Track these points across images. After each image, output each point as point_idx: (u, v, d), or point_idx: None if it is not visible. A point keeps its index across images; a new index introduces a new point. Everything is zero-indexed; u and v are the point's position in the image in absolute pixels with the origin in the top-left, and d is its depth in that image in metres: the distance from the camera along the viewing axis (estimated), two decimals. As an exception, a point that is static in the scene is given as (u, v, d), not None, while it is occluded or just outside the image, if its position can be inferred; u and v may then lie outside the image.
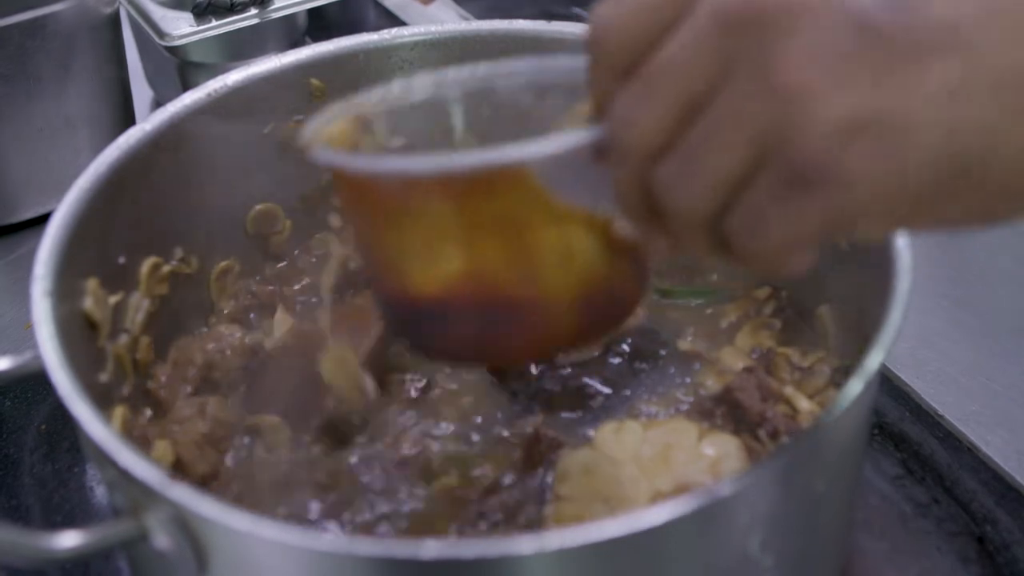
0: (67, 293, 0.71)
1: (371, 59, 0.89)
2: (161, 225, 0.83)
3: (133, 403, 0.77)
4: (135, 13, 1.17)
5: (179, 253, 0.84)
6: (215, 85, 0.85)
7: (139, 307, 0.80)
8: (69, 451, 0.89)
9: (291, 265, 0.91)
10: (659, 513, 0.56)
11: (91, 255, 0.75)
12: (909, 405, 0.88)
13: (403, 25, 1.23)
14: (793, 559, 0.66)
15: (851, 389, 0.63)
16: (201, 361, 0.80)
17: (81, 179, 0.76)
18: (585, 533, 0.55)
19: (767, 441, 0.71)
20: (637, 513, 0.56)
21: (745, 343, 0.82)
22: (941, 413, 0.87)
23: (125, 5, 1.17)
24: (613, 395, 0.78)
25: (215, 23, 1.15)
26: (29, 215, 1.10)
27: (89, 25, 1.06)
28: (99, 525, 0.62)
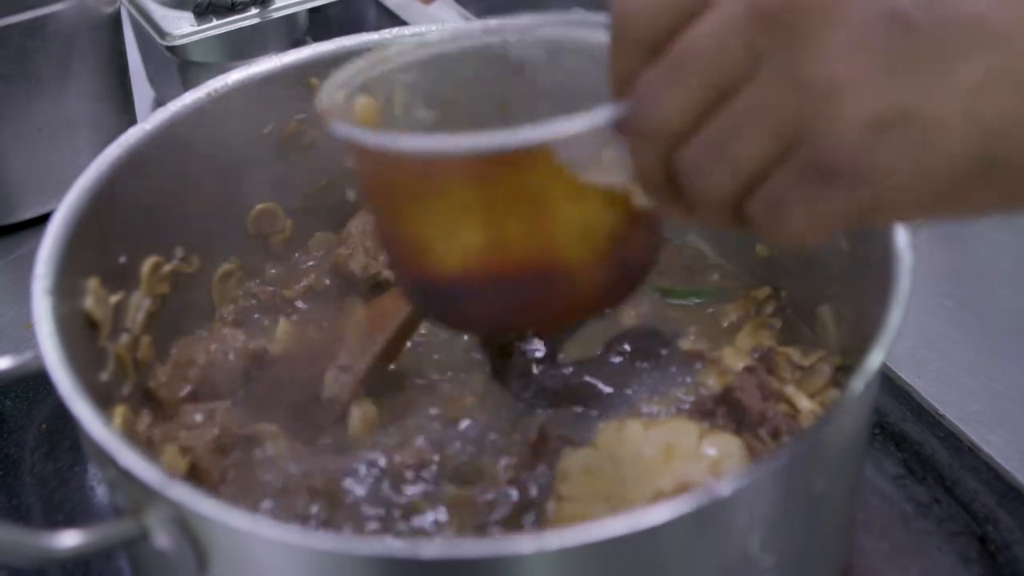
0: (68, 292, 0.71)
1: (372, 59, 0.89)
2: (162, 224, 0.83)
3: (134, 403, 0.77)
4: (136, 13, 1.17)
5: (180, 252, 0.84)
6: (216, 85, 0.85)
7: (140, 306, 0.80)
8: (70, 450, 0.89)
9: (291, 266, 0.91)
10: (659, 513, 0.56)
11: (92, 254, 0.75)
12: (910, 405, 0.88)
13: (404, 25, 1.24)
14: (794, 559, 0.66)
15: (852, 389, 0.63)
16: (203, 361, 0.80)
17: (82, 178, 0.76)
18: (585, 533, 0.55)
19: (768, 441, 0.71)
20: (637, 513, 0.56)
21: (746, 343, 0.82)
22: (942, 413, 0.87)
23: (126, 5, 1.17)
24: (614, 394, 0.78)
25: (216, 23, 1.15)
26: (30, 215, 1.10)
27: (89, 25, 1.06)
28: (100, 525, 0.62)
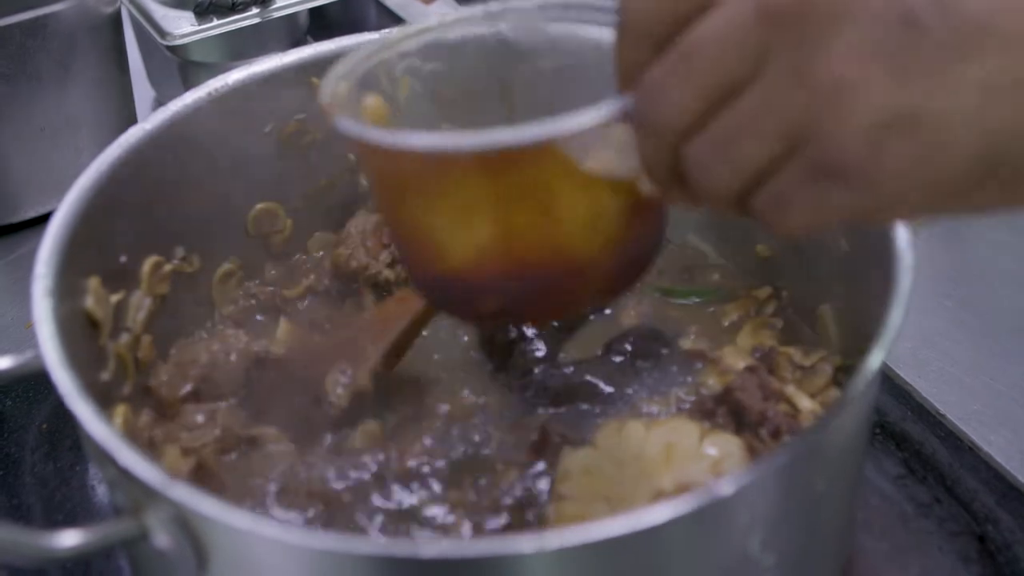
0: (68, 292, 0.71)
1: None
2: (162, 224, 0.83)
3: (134, 402, 0.77)
4: (136, 12, 1.17)
5: (180, 252, 0.84)
6: (216, 84, 0.85)
7: (140, 306, 0.80)
8: (70, 450, 0.89)
9: (291, 266, 0.91)
10: (660, 512, 0.56)
11: (92, 254, 0.75)
12: (911, 404, 0.88)
13: (404, 24, 1.24)
14: (794, 558, 0.66)
15: (853, 388, 0.63)
16: (205, 361, 0.80)
17: (82, 178, 0.76)
18: (585, 532, 0.55)
19: (768, 440, 0.71)
20: (638, 512, 0.56)
21: (746, 342, 0.82)
22: (943, 413, 0.87)
23: (126, 4, 1.17)
24: (615, 394, 0.78)
25: (216, 22, 1.15)
26: (30, 215, 1.10)
27: (90, 25, 1.06)
28: (100, 524, 0.62)
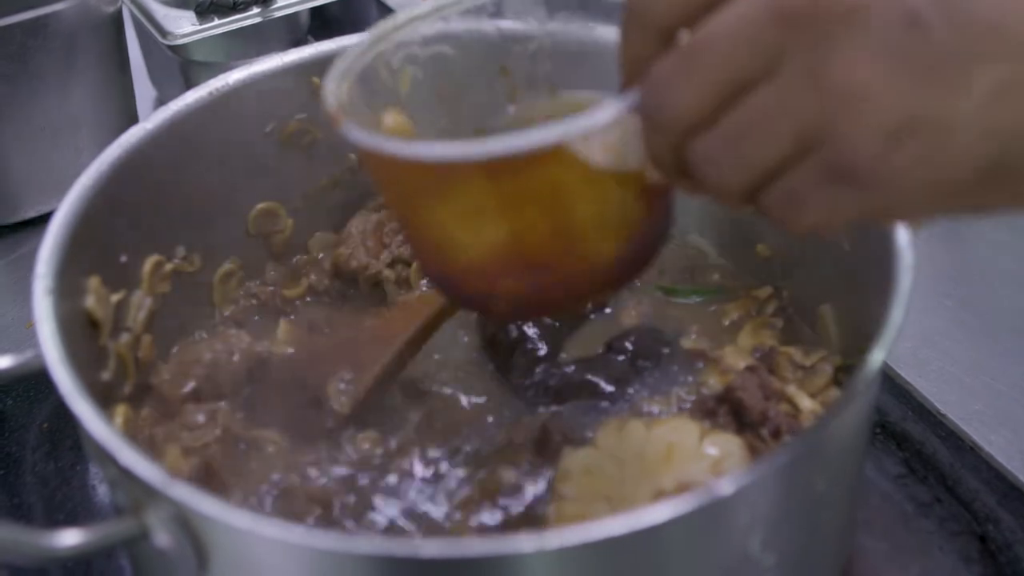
0: (69, 291, 0.71)
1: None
2: (163, 223, 0.83)
3: (135, 401, 0.77)
4: (138, 12, 1.17)
5: (181, 252, 0.84)
6: (217, 84, 0.85)
7: (141, 305, 0.80)
8: (71, 449, 0.89)
9: (291, 266, 0.91)
10: (660, 512, 0.56)
11: (93, 253, 0.75)
12: (911, 404, 0.88)
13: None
14: (794, 558, 0.66)
15: (853, 388, 0.63)
16: (208, 360, 0.80)
17: (83, 177, 0.76)
18: (585, 532, 0.55)
19: (769, 440, 0.71)
20: (638, 512, 0.56)
21: (747, 342, 0.82)
22: (943, 412, 0.87)
23: (128, 4, 1.17)
24: (616, 393, 0.78)
25: (217, 22, 1.15)
26: (31, 214, 1.10)
27: (91, 24, 1.06)
28: (100, 524, 0.62)
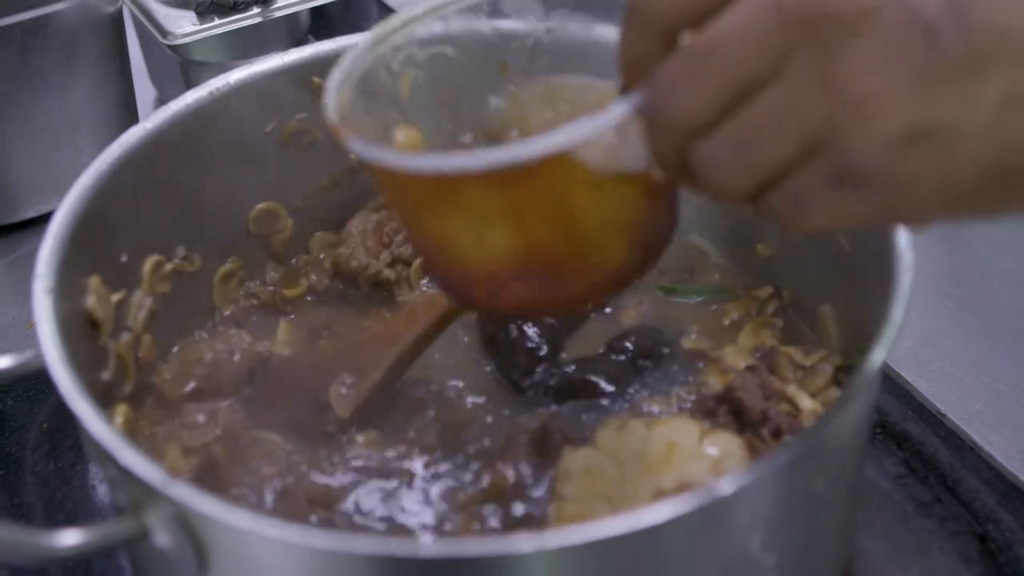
0: (69, 291, 0.71)
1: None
2: (163, 223, 0.83)
3: (135, 401, 0.77)
4: (138, 12, 1.17)
5: (181, 251, 0.84)
6: (217, 84, 0.85)
7: (141, 305, 0.80)
8: (71, 449, 0.89)
9: (292, 266, 0.91)
10: (660, 512, 0.56)
11: (93, 253, 0.75)
12: (911, 404, 0.88)
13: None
14: (794, 558, 0.66)
15: (853, 388, 0.63)
16: (209, 360, 0.80)
17: (83, 177, 0.76)
18: (585, 532, 0.55)
19: (769, 440, 0.71)
20: (638, 512, 0.56)
21: (747, 342, 0.82)
22: (943, 412, 0.87)
23: (128, 4, 1.17)
24: (616, 393, 0.78)
25: (218, 22, 1.15)
26: (31, 214, 1.10)
27: (92, 24, 1.06)
28: (100, 524, 0.62)
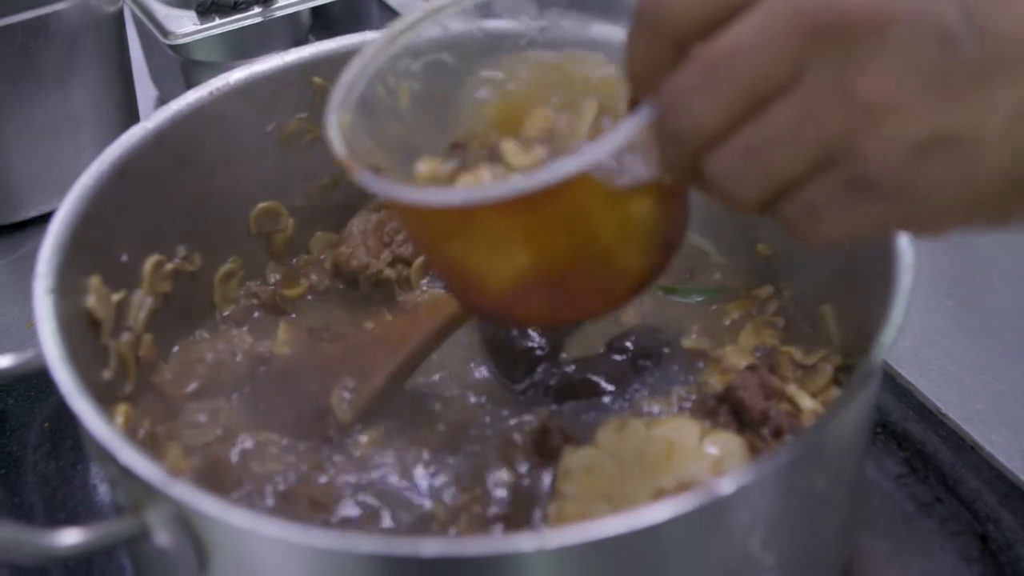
0: (69, 290, 0.71)
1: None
2: (164, 223, 0.83)
3: (136, 401, 0.77)
4: (139, 11, 1.17)
5: (182, 251, 0.84)
6: (218, 83, 0.85)
7: (142, 305, 0.80)
8: (72, 449, 0.89)
9: (292, 266, 0.91)
10: (660, 511, 0.56)
11: (93, 253, 0.75)
12: (912, 404, 0.88)
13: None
14: (795, 558, 0.66)
15: (854, 387, 0.63)
16: (211, 359, 0.80)
17: (84, 177, 0.76)
18: (585, 531, 0.55)
19: (770, 439, 0.71)
20: (638, 511, 0.56)
21: (748, 341, 0.82)
22: (944, 412, 0.87)
23: (129, 3, 1.17)
24: (616, 392, 0.78)
25: (218, 21, 1.15)
26: (32, 214, 1.10)
27: (93, 24, 1.06)
28: (101, 523, 0.62)
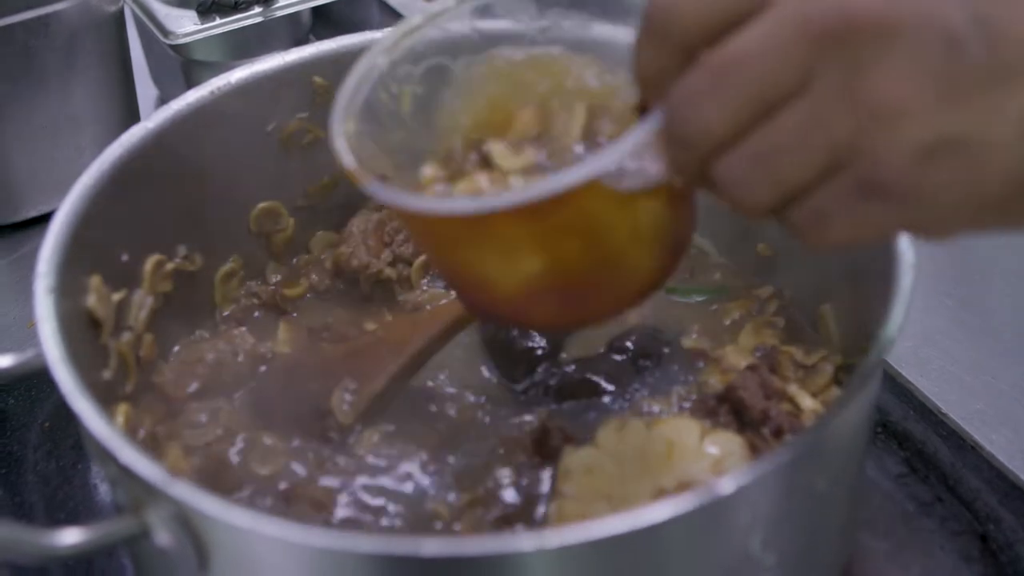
0: (70, 290, 0.71)
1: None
2: (164, 223, 0.83)
3: (136, 400, 0.77)
4: (139, 11, 1.17)
5: (182, 251, 0.84)
6: (218, 83, 0.85)
7: (142, 304, 0.80)
8: (72, 448, 0.89)
9: (293, 265, 0.91)
10: (660, 511, 0.56)
11: (94, 252, 0.75)
12: (912, 403, 0.88)
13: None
14: (795, 558, 0.66)
15: (854, 387, 0.63)
16: (212, 359, 0.80)
17: (84, 177, 0.76)
18: (585, 530, 0.55)
19: (770, 439, 0.71)
20: (638, 511, 0.56)
21: (748, 341, 0.82)
22: (944, 411, 0.87)
23: (129, 3, 1.17)
24: (616, 392, 0.78)
25: (219, 21, 1.15)
26: (33, 214, 1.10)
27: (93, 23, 1.06)
28: (101, 522, 0.62)
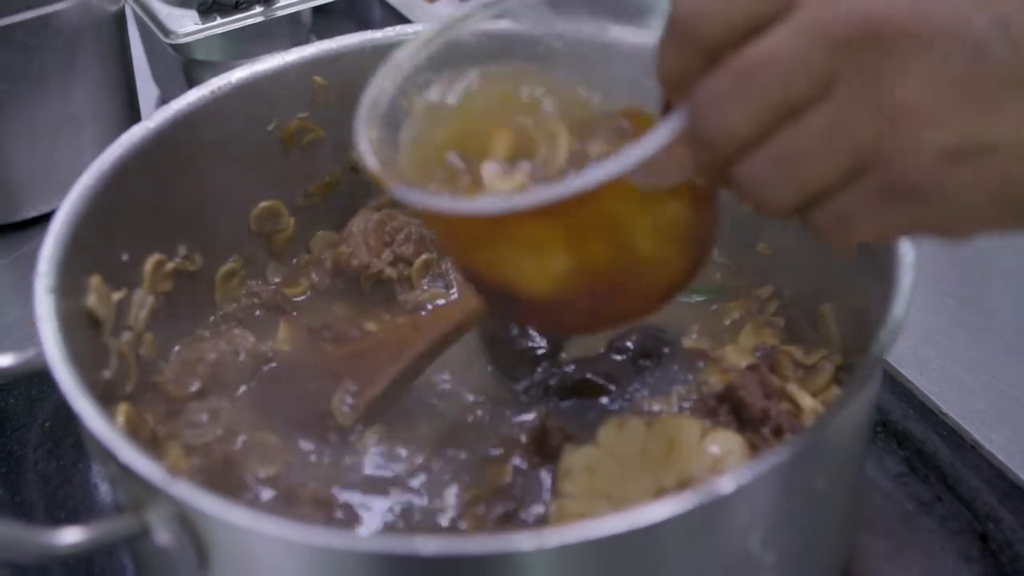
0: (70, 290, 0.71)
1: (376, 57, 0.89)
2: (164, 222, 0.83)
3: (136, 400, 0.77)
4: (140, 11, 1.17)
5: (183, 250, 0.84)
6: (219, 82, 0.85)
7: (143, 304, 0.80)
8: (73, 448, 0.89)
9: (293, 265, 0.91)
10: (660, 510, 0.56)
11: (94, 252, 0.75)
12: (912, 403, 0.88)
13: (408, 23, 1.24)
14: (795, 557, 0.66)
15: (854, 386, 0.63)
16: (213, 359, 0.80)
17: (85, 176, 0.76)
18: (585, 530, 0.55)
19: (770, 439, 0.71)
20: (638, 510, 0.56)
21: (749, 341, 0.82)
22: (944, 411, 0.87)
23: (130, 3, 1.18)
24: (616, 392, 0.78)
25: (220, 21, 1.15)
26: (33, 213, 1.10)
27: (94, 23, 1.06)
28: (101, 521, 0.62)
